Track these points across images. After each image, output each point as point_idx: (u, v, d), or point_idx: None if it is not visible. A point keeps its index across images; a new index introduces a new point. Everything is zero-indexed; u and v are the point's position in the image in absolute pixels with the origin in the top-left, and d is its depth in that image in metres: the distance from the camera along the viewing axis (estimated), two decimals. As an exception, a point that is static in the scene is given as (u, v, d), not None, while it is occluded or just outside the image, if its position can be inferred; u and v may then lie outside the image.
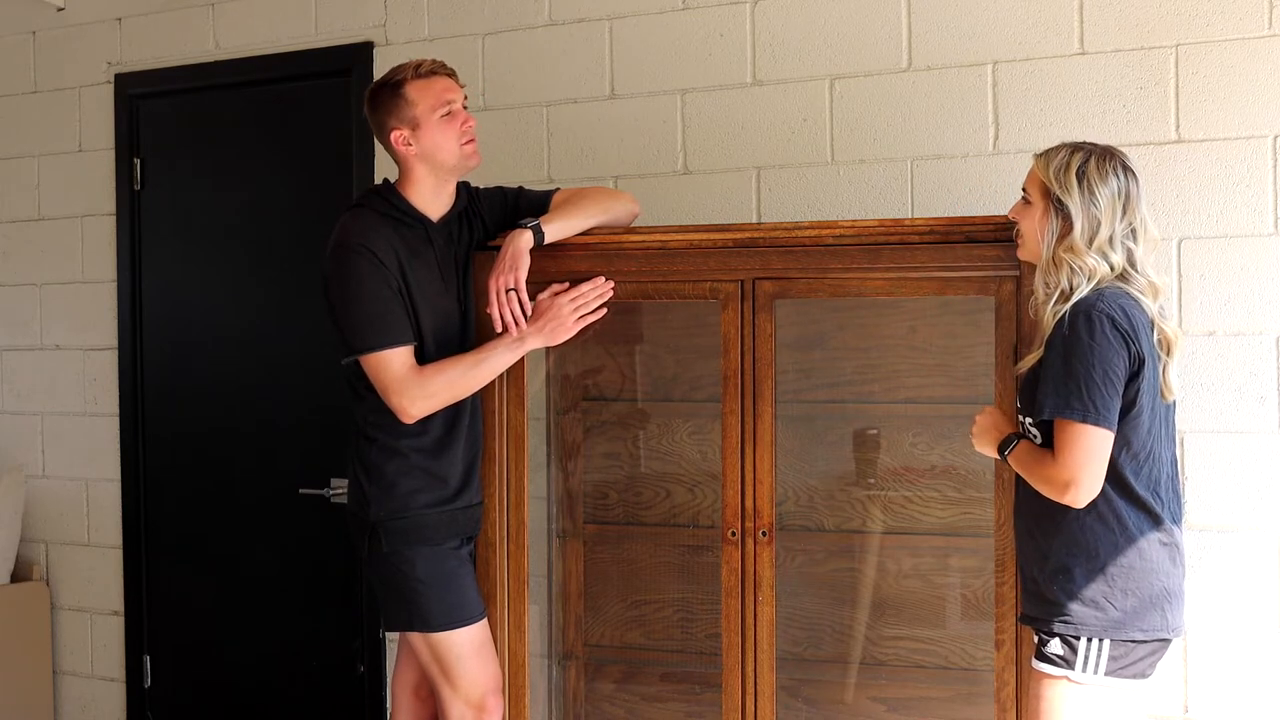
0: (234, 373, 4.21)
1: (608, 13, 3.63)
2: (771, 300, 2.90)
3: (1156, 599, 2.44)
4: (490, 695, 3.03)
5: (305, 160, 4.08)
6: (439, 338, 2.96)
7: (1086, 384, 2.35)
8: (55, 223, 4.49)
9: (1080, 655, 2.43)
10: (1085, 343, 2.36)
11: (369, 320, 2.87)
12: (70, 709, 4.53)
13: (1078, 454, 2.37)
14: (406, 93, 2.93)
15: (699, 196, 3.52)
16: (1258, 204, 3.03)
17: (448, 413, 2.96)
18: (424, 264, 2.96)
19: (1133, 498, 2.44)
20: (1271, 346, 3.03)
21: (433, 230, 2.99)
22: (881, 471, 3.28)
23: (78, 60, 4.43)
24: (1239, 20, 3.04)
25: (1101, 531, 2.43)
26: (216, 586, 4.29)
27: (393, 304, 2.88)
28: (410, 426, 2.93)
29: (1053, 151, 2.51)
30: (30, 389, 4.55)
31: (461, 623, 2.98)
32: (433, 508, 2.97)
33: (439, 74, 2.96)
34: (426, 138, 2.93)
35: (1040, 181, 2.49)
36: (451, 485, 2.99)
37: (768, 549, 2.92)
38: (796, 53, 3.44)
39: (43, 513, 4.53)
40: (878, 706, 3.30)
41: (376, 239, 2.90)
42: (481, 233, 3.08)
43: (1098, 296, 2.40)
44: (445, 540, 2.98)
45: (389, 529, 2.95)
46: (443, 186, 3.00)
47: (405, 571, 2.96)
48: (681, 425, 3.46)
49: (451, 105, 2.94)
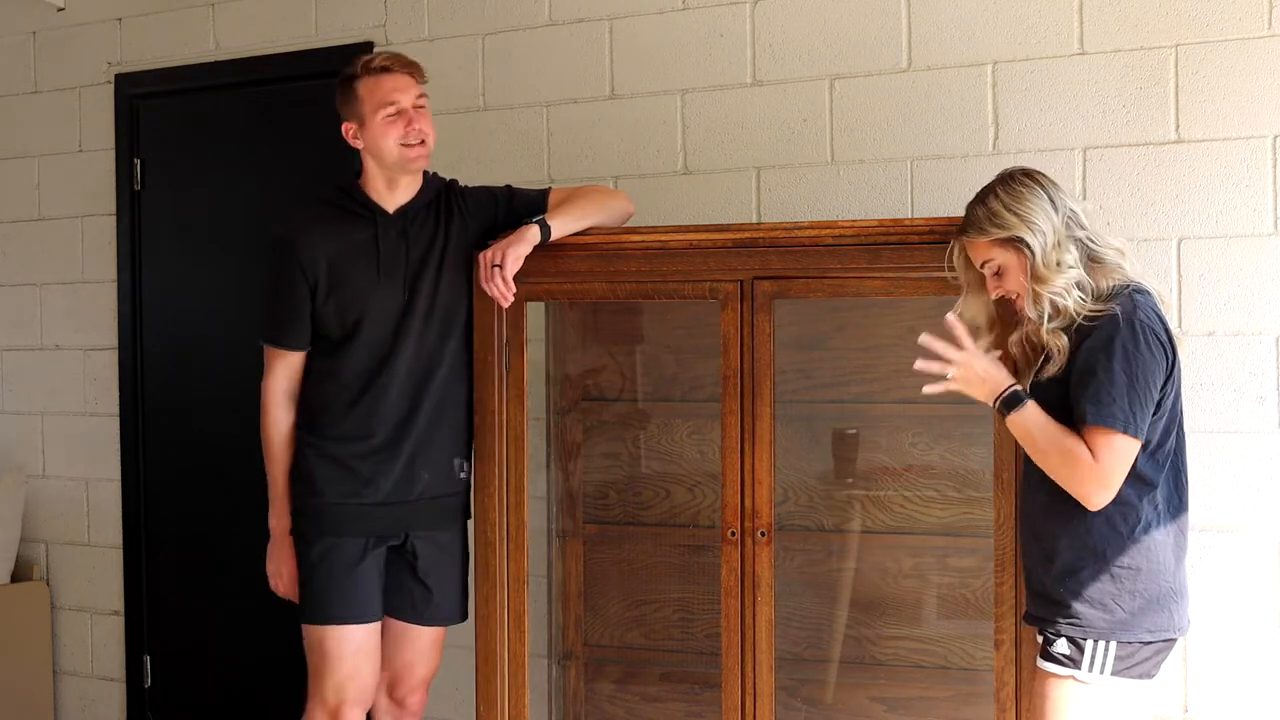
0: (234, 373, 4.20)
1: (608, 13, 3.63)
2: (771, 300, 2.90)
3: (1163, 599, 2.44)
4: (350, 706, 3.00)
5: (305, 160, 4.08)
6: (370, 325, 2.95)
7: (1129, 394, 2.36)
8: (55, 223, 4.49)
9: (1087, 655, 2.43)
10: (1131, 353, 2.37)
11: (270, 314, 3.03)
12: (70, 709, 4.53)
13: (1113, 461, 2.37)
14: (356, 88, 2.95)
15: (699, 196, 3.52)
16: (1257, 204, 3.03)
17: (364, 408, 2.95)
18: (363, 255, 2.96)
19: (1144, 498, 2.44)
20: (1271, 346, 3.03)
21: (384, 221, 2.98)
22: (880, 471, 3.28)
23: (78, 60, 4.43)
24: (1239, 20, 3.04)
25: (1109, 533, 2.43)
26: (217, 586, 4.28)
27: (294, 306, 2.96)
28: (325, 417, 2.97)
29: (974, 217, 2.49)
30: (30, 389, 4.56)
31: (328, 620, 2.97)
32: (339, 500, 2.96)
33: (392, 71, 2.95)
34: (369, 135, 2.95)
35: (990, 244, 2.48)
36: (361, 478, 2.97)
37: (767, 549, 2.92)
38: (796, 53, 3.44)
39: (43, 513, 4.53)
40: (877, 706, 3.30)
41: (304, 232, 2.97)
42: (460, 229, 3.04)
43: (1134, 305, 2.41)
44: (348, 534, 2.96)
45: (299, 515, 3.00)
46: (394, 181, 2.99)
47: (302, 555, 3.00)
48: (681, 425, 3.46)
49: (398, 104, 2.92)
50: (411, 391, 2.98)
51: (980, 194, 2.54)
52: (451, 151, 3.80)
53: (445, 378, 3.01)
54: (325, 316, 2.97)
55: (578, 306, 3.42)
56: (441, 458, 3.04)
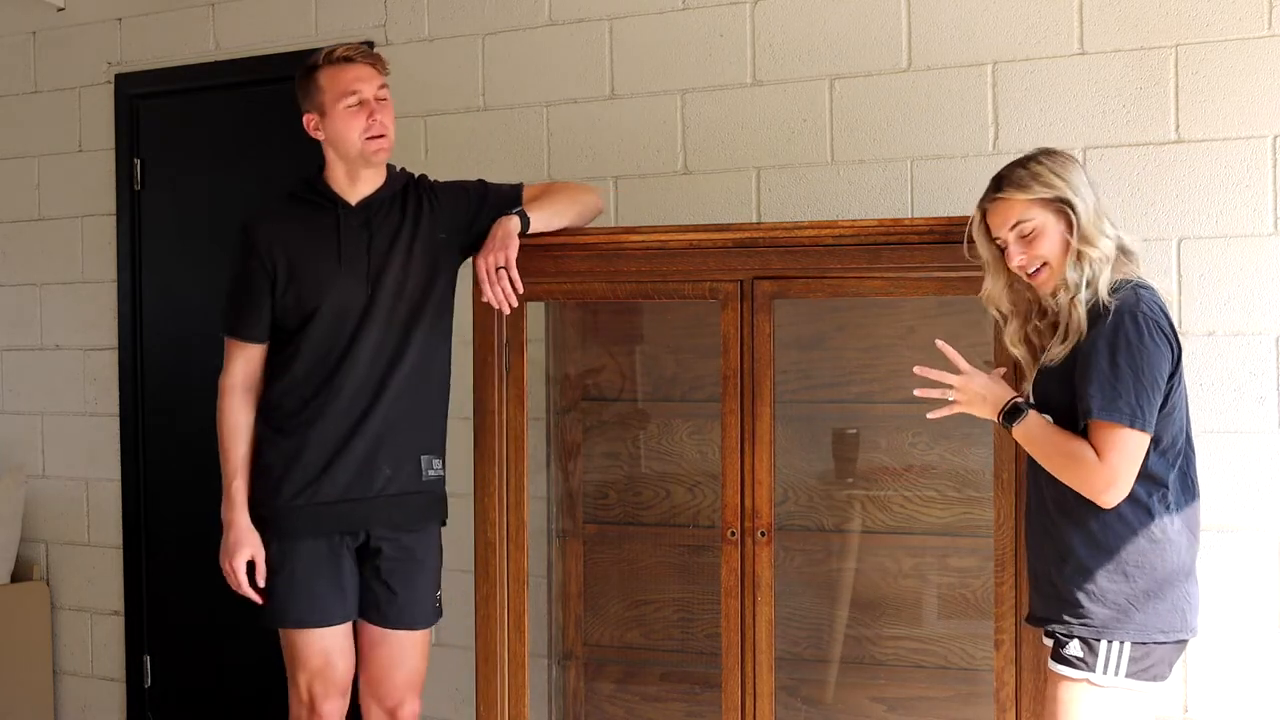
0: (234, 373, 4.20)
1: (608, 13, 3.63)
2: (771, 300, 2.90)
3: (1177, 600, 2.42)
4: (322, 700, 2.98)
5: (305, 160, 4.05)
6: (329, 317, 2.91)
7: (1135, 387, 2.34)
8: (55, 223, 4.49)
9: (1101, 657, 2.40)
10: (1134, 345, 2.35)
11: (230, 306, 3.01)
12: (70, 709, 4.53)
13: (1122, 456, 2.35)
14: (318, 78, 2.93)
15: (699, 196, 3.52)
16: (1257, 204, 3.03)
17: (321, 399, 2.92)
18: (323, 246, 2.93)
19: (1155, 496, 2.41)
20: (1271, 346, 3.03)
21: (346, 213, 2.96)
22: (880, 471, 3.28)
23: (78, 60, 4.43)
24: (1239, 20, 3.04)
25: (1122, 530, 2.40)
26: (217, 587, 4.27)
27: (254, 297, 2.95)
28: (281, 409, 2.94)
29: (1016, 176, 2.47)
30: (30, 389, 4.56)
31: (288, 624, 2.96)
32: (295, 499, 2.92)
33: (354, 62, 2.92)
34: (330, 126, 2.93)
35: (1029, 202, 2.45)
36: (317, 469, 2.92)
37: (767, 549, 2.92)
38: (796, 53, 3.44)
39: (43, 513, 4.53)
40: (877, 706, 3.30)
41: (264, 225, 2.98)
42: (430, 221, 3.00)
43: (1137, 298, 2.39)
44: (306, 536, 2.92)
45: (257, 516, 2.97)
46: (356, 173, 2.97)
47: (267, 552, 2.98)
48: (681, 425, 3.46)
49: (360, 95, 2.90)
50: (373, 385, 2.92)
51: (1018, 161, 2.50)
52: (451, 151, 3.80)
53: (411, 370, 2.94)
54: (284, 307, 2.93)
55: (578, 306, 3.42)
56: (406, 453, 2.96)
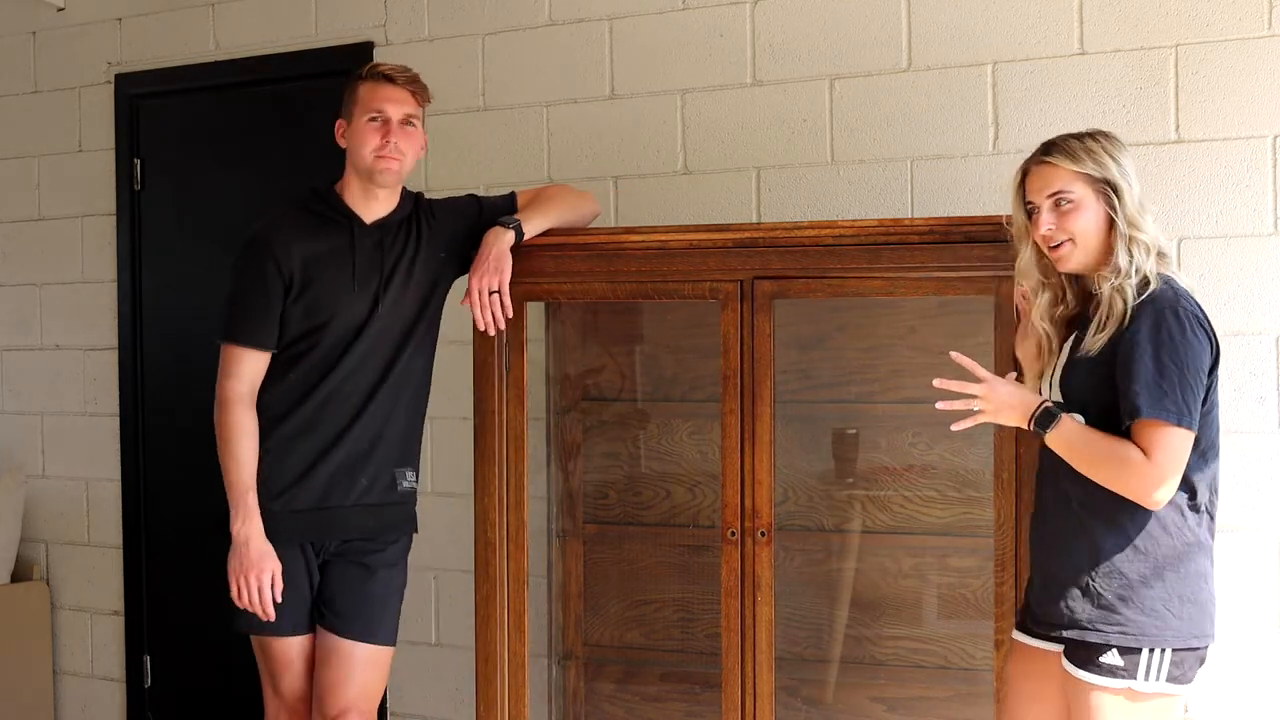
0: (234, 373, 4.20)
1: (608, 13, 3.63)
2: (771, 300, 2.90)
3: (1206, 604, 2.38)
4: (301, 701, 2.98)
5: (305, 160, 4.08)
6: (331, 331, 2.92)
7: (1181, 385, 2.28)
8: (55, 223, 4.49)
9: (1143, 665, 2.33)
10: (1178, 341, 2.30)
11: (239, 312, 2.93)
12: (70, 709, 4.53)
13: (1170, 455, 2.29)
14: (358, 88, 2.96)
15: (699, 196, 3.52)
16: (1258, 204, 3.03)
17: (308, 410, 2.92)
18: (337, 262, 2.93)
19: (1195, 499, 2.37)
20: (1271, 346, 3.03)
21: (361, 231, 2.96)
22: (880, 471, 3.28)
23: (78, 60, 4.43)
24: (1239, 20, 3.04)
25: (1159, 534, 2.35)
26: (217, 587, 4.27)
27: (268, 305, 2.90)
28: (268, 415, 2.93)
29: (1070, 146, 2.43)
30: (30, 389, 4.56)
31: (252, 630, 2.97)
32: (271, 506, 2.93)
33: (394, 82, 2.94)
34: (350, 136, 2.95)
35: (1075, 174, 2.40)
36: (295, 474, 2.93)
37: (767, 549, 2.92)
38: (796, 53, 3.44)
39: (43, 513, 4.53)
40: (877, 706, 3.30)
41: (282, 235, 2.93)
42: (430, 244, 3.01)
43: (1175, 295, 2.35)
44: (279, 543, 2.91)
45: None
46: (370, 191, 2.96)
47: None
48: (681, 425, 3.46)
49: (384, 114, 2.91)
50: (359, 398, 2.93)
51: (1073, 134, 2.45)
52: (451, 151, 3.81)
53: (395, 384, 2.96)
54: (290, 318, 2.93)
55: (578, 306, 3.42)
56: (384, 466, 2.98)
